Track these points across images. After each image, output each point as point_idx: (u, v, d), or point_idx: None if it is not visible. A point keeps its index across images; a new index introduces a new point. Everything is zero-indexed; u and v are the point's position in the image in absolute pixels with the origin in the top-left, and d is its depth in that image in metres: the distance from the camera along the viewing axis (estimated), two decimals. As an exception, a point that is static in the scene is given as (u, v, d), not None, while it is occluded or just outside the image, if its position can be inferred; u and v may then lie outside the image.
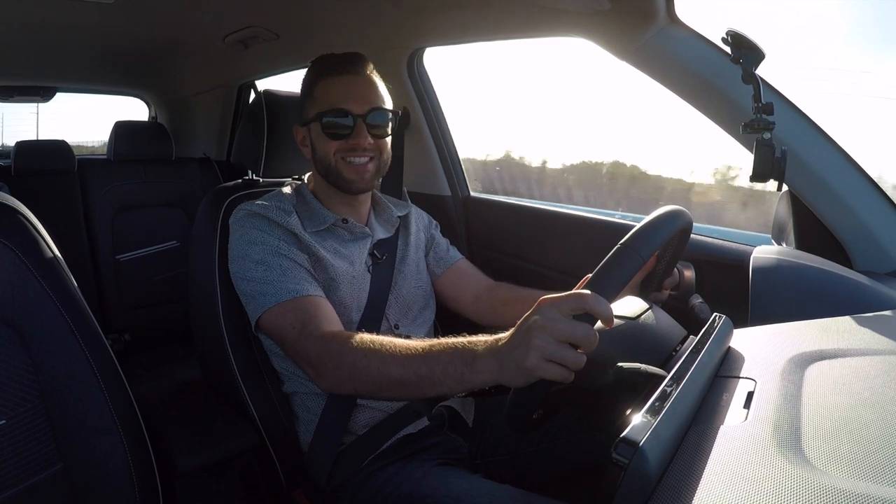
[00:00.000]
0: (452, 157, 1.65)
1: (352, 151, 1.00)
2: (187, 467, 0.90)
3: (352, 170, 1.01)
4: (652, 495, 0.42)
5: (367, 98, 1.01)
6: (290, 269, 0.94)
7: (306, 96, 1.05)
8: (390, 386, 0.78)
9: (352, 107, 0.99)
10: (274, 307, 0.91)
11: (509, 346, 0.66)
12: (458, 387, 0.72)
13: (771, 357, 0.61)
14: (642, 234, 0.68)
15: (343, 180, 1.02)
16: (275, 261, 0.94)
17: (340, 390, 0.86)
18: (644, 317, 0.76)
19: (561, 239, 1.37)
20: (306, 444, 0.99)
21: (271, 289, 0.92)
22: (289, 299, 0.91)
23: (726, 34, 0.89)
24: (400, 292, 1.10)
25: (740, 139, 0.99)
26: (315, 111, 1.01)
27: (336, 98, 1.00)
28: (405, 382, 0.76)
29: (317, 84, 1.02)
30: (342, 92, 1.00)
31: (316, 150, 1.03)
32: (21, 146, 2.02)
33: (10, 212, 0.72)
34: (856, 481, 0.39)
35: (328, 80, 1.01)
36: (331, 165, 1.02)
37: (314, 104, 1.02)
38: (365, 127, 1.00)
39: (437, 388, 0.74)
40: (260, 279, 0.93)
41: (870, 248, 0.98)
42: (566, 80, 2.37)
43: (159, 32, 1.83)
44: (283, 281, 0.93)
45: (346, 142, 1.00)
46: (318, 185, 1.08)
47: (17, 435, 0.68)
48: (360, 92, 1.01)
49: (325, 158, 1.02)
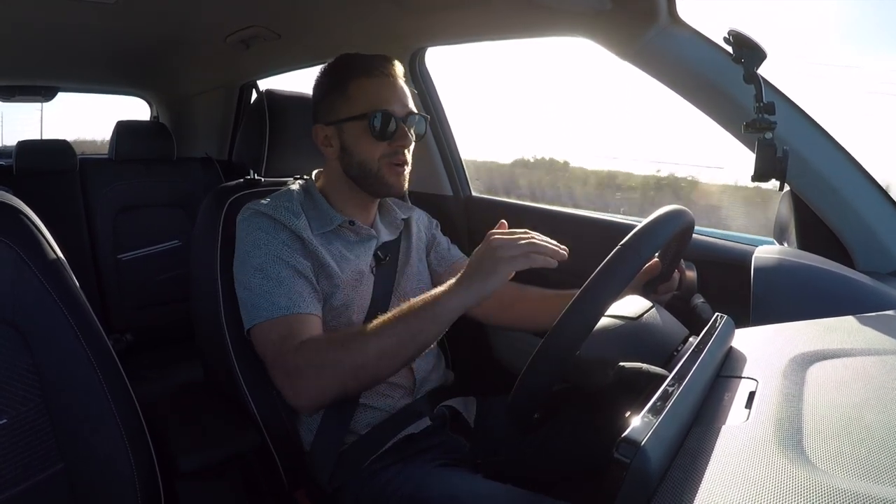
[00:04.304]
0: (454, 157, 1.65)
1: (395, 155, 1.00)
2: (189, 467, 0.90)
3: (394, 173, 1.01)
4: (653, 495, 0.42)
5: (405, 101, 1.01)
6: (287, 280, 0.93)
7: (336, 95, 1.02)
8: (376, 362, 0.81)
9: (396, 109, 0.99)
10: (262, 323, 0.91)
11: (470, 266, 0.81)
12: (433, 326, 0.81)
13: (773, 357, 0.61)
14: (643, 233, 0.68)
15: (384, 184, 1.01)
16: (273, 269, 0.93)
17: (325, 396, 0.88)
18: (645, 317, 0.76)
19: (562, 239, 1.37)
20: (308, 445, 0.99)
21: (264, 302, 0.92)
22: (279, 316, 0.91)
23: (728, 34, 0.89)
24: (403, 294, 1.10)
25: (742, 139, 0.99)
26: (354, 111, 0.99)
27: (379, 100, 0.98)
28: (387, 350, 0.81)
29: (350, 83, 1.00)
30: (384, 94, 0.99)
31: (353, 153, 1.01)
32: (23, 146, 2.03)
33: (12, 211, 0.72)
34: (858, 481, 0.39)
35: (365, 80, 1.00)
36: (372, 168, 1.00)
37: (350, 104, 1.00)
38: (406, 129, 1.00)
39: (417, 339, 0.82)
40: (256, 289, 0.93)
41: (872, 248, 0.98)
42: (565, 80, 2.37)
43: (161, 32, 1.83)
44: (276, 295, 0.92)
45: (389, 145, 0.99)
46: (335, 185, 1.06)
47: (18, 434, 0.68)
48: (399, 95, 1.01)
49: (367, 162, 1.00)
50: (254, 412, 1.01)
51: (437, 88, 1.61)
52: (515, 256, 0.79)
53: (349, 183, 1.04)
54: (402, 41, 1.50)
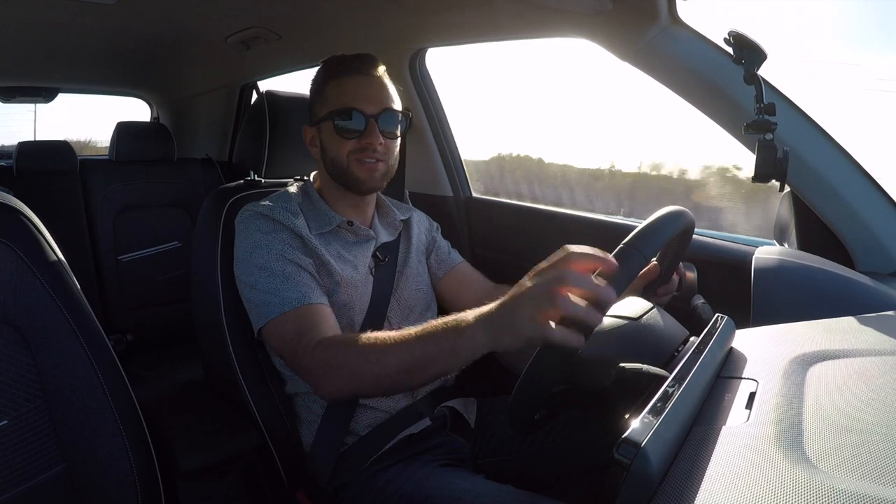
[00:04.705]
0: (454, 157, 1.65)
1: (363, 152, 1.00)
2: (189, 467, 0.90)
3: (363, 168, 1.01)
4: (654, 496, 0.42)
5: (379, 99, 1.01)
6: (293, 274, 0.94)
7: (317, 96, 1.04)
8: (391, 376, 0.78)
9: (364, 107, 0.99)
10: (276, 318, 0.91)
11: (499, 307, 0.68)
12: (452, 359, 0.73)
13: (773, 358, 0.61)
14: (645, 234, 0.69)
15: (354, 179, 1.02)
16: (278, 266, 0.94)
17: (343, 394, 0.86)
18: (646, 317, 0.75)
19: (563, 239, 1.35)
20: (308, 445, 0.99)
21: (274, 299, 0.92)
22: (291, 310, 0.91)
23: (728, 35, 0.89)
24: (402, 295, 1.10)
25: (742, 140, 0.99)
26: (327, 111, 1.01)
27: (348, 98, 1.00)
28: (404, 369, 0.76)
29: (328, 84, 1.02)
30: (354, 92, 1.00)
31: (327, 150, 1.03)
32: (23, 147, 2.03)
33: (13, 212, 0.72)
34: (858, 482, 0.39)
35: (340, 79, 1.01)
36: (342, 165, 1.01)
37: (325, 104, 1.02)
38: (377, 127, 1.00)
39: (433, 366, 0.75)
40: (263, 288, 0.93)
41: (872, 249, 0.98)
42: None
43: (161, 33, 1.83)
44: (285, 289, 0.92)
45: (358, 142, 1.00)
46: (326, 185, 1.08)
47: (19, 435, 0.68)
48: (372, 92, 1.01)
49: (337, 159, 1.02)
50: (254, 412, 1.01)
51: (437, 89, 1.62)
52: (543, 326, 0.63)
53: (333, 182, 1.05)
54: (403, 42, 1.50)
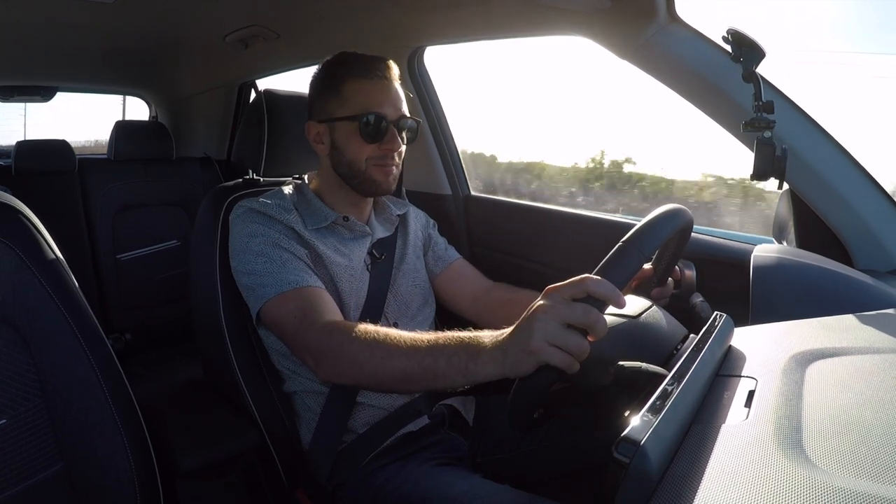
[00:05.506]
0: (453, 156, 1.65)
1: (384, 157, 1.01)
2: (189, 467, 0.90)
3: (381, 172, 1.02)
4: (653, 494, 0.42)
5: (399, 105, 1.02)
6: (291, 261, 0.95)
7: (330, 93, 1.03)
8: (393, 377, 0.77)
9: (388, 112, 1.00)
10: (275, 297, 0.92)
11: (513, 334, 0.66)
12: (461, 380, 0.72)
13: (772, 356, 0.61)
14: (644, 231, 0.68)
15: (371, 182, 1.03)
16: (275, 252, 0.95)
17: (341, 380, 0.87)
18: (645, 316, 0.75)
19: (562, 238, 1.37)
20: (307, 443, 1.00)
21: (272, 280, 0.93)
22: (290, 290, 0.91)
23: (727, 33, 0.89)
24: (398, 291, 1.10)
25: (741, 138, 0.99)
26: (347, 112, 1.00)
27: (373, 103, 1.00)
28: (408, 375, 0.75)
29: (347, 83, 1.01)
30: (378, 96, 1.00)
31: (343, 151, 1.02)
32: (22, 146, 2.02)
33: (12, 212, 0.72)
34: (857, 480, 0.39)
35: (360, 81, 1.01)
36: (359, 168, 1.02)
37: (344, 104, 1.01)
38: (398, 134, 1.01)
39: (440, 380, 0.73)
40: (260, 271, 0.94)
41: (871, 247, 0.98)
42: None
43: (160, 32, 1.83)
44: (283, 272, 0.93)
45: (379, 147, 1.00)
46: (326, 183, 1.08)
47: (18, 434, 0.68)
48: (393, 98, 1.02)
49: (355, 161, 1.02)
50: (253, 411, 1.01)
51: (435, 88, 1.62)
52: (549, 346, 0.62)
53: (339, 180, 1.05)
54: (401, 40, 1.50)
